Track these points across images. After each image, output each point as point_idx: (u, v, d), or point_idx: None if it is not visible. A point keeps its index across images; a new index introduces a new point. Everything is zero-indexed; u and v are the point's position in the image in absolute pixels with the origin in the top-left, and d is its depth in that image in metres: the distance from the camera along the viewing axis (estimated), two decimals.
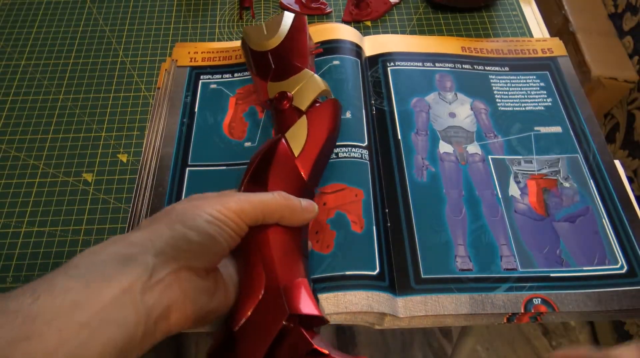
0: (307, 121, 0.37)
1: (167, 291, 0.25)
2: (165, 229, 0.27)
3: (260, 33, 0.43)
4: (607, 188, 0.41)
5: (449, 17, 0.56)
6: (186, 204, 0.29)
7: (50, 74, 0.52)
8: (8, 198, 0.43)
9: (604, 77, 0.83)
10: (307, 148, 0.36)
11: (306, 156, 0.36)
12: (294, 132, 0.37)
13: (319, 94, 0.39)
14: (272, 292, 0.29)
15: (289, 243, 0.32)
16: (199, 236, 0.27)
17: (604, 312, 0.35)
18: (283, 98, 0.39)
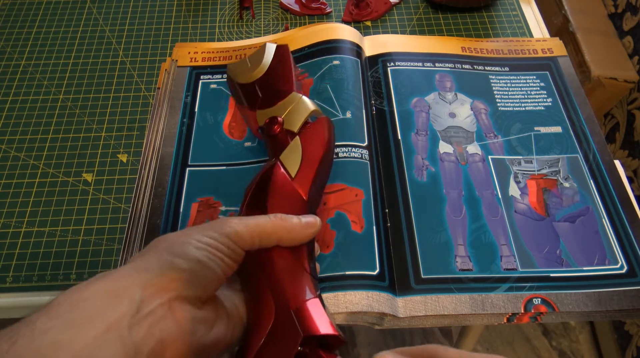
0: (301, 141, 0.37)
1: (158, 325, 0.24)
2: (152, 259, 0.26)
3: (244, 67, 0.43)
4: (607, 188, 0.41)
5: (449, 17, 0.56)
6: (176, 233, 0.28)
7: (50, 74, 0.52)
8: (8, 198, 0.43)
9: (604, 77, 0.83)
10: (303, 168, 0.35)
11: (304, 176, 0.35)
12: (288, 154, 0.36)
13: (309, 114, 0.39)
14: (284, 317, 0.28)
15: (294, 264, 0.31)
16: (187, 264, 0.26)
17: (604, 312, 0.35)
18: (273, 123, 0.39)
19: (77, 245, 0.41)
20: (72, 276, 0.39)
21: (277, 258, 0.30)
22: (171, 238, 0.27)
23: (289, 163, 0.36)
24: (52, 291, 0.38)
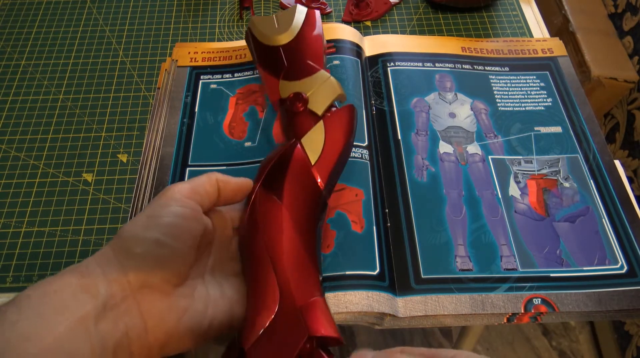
0: (324, 127, 0.35)
1: (123, 318, 0.24)
2: (109, 252, 0.26)
3: (270, 26, 0.40)
4: (607, 188, 0.41)
5: (449, 17, 0.56)
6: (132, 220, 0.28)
7: (50, 74, 0.52)
8: (8, 198, 0.43)
9: (604, 77, 0.83)
10: (324, 156, 0.34)
11: (323, 164, 0.34)
12: (310, 139, 0.35)
13: (336, 97, 0.37)
14: (288, 310, 0.28)
15: (305, 258, 0.30)
16: (141, 247, 0.25)
17: (604, 312, 0.35)
18: (298, 100, 0.37)
19: (77, 245, 0.41)
20: None
21: (287, 247, 0.30)
22: (124, 228, 0.27)
23: (311, 147, 0.34)
24: None
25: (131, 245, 0.26)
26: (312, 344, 0.27)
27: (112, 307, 0.24)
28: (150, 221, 0.27)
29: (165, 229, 0.26)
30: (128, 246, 0.26)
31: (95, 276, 0.24)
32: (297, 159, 0.33)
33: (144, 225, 0.26)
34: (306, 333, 0.27)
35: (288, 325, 0.27)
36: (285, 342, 0.27)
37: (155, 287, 0.26)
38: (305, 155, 0.34)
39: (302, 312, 0.28)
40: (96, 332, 0.23)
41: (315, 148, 0.34)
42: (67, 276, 0.24)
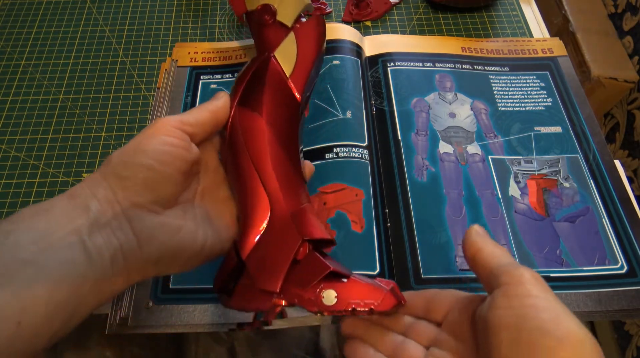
0: (296, 38, 0.35)
1: (115, 233, 0.24)
2: (98, 176, 0.26)
3: None
4: (607, 188, 0.41)
5: (449, 17, 0.56)
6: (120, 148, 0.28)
7: (50, 74, 0.52)
8: (8, 198, 0.43)
9: (604, 77, 0.83)
10: (298, 68, 0.34)
11: (298, 76, 0.34)
12: (283, 51, 0.34)
13: (304, 7, 0.37)
14: (279, 217, 0.28)
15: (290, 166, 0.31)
16: (130, 171, 0.26)
17: (604, 312, 0.35)
18: (266, 12, 0.36)
19: None
20: None
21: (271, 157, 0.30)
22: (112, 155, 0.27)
23: (284, 60, 0.34)
24: None
25: (119, 169, 0.26)
26: (307, 247, 0.28)
27: (105, 223, 0.24)
28: (138, 147, 0.27)
29: (152, 154, 0.27)
30: (116, 170, 0.26)
31: (84, 197, 0.25)
32: (273, 72, 0.33)
33: (131, 151, 0.27)
34: (300, 236, 0.28)
35: (281, 231, 0.28)
36: (281, 248, 0.28)
37: (145, 207, 0.26)
38: (280, 68, 0.33)
39: (294, 218, 0.28)
40: (90, 243, 0.23)
41: (289, 60, 0.34)
42: (56, 198, 0.25)
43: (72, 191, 0.25)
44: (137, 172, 0.26)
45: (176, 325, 0.35)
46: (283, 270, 0.27)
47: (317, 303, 0.26)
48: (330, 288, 0.27)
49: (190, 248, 0.28)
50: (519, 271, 0.25)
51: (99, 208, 0.25)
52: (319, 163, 0.40)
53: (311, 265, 0.27)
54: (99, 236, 0.24)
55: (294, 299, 0.27)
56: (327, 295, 0.27)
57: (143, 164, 0.26)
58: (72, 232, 0.23)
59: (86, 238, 0.23)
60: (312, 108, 0.44)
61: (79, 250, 0.23)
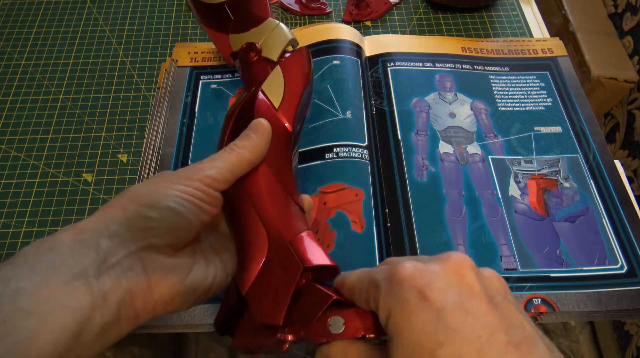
0: (282, 71, 0.35)
1: (126, 274, 0.23)
2: (118, 210, 0.25)
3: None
4: (607, 188, 0.41)
5: (449, 17, 0.56)
6: (144, 183, 0.27)
7: (50, 74, 0.52)
8: (8, 198, 0.43)
9: (604, 77, 0.83)
10: (286, 98, 0.34)
11: (287, 107, 0.34)
12: (270, 84, 0.34)
13: (288, 42, 0.37)
14: (278, 249, 0.28)
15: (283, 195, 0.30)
16: (156, 212, 0.25)
17: (604, 312, 0.35)
18: (251, 50, 0.37)
19: None
20: None
21: (266, 190, 0.30)
22: (139, 188, 0.26)
23: (272, 92, 0.34)
24: None
25: (145, 208, 0.25)
26: (308, 277, 0.27)
27: (114, 263, 0.23)
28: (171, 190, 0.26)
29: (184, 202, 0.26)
30: (141, 208, 0.25)
31: (95, 232, 0.24)
32: (261, 105, 0.33)
33: (162, 192, 0.26)
34: (300, 265, 0.27)
35: (281, 263, 0.27)
36: (282, 280, 0.27)
37: (160, 249, 0.25)
38: (269, 100, 0.33)
39: (292, 247, 0.28)
40: (97, 286, 0.22)
41: (277, 92, 0.34)
42: (63, 234, 0.23)
43: (82, 226, 0.24)
44: (164, 215, 0.25)
45: (176, 325, 0.35)
46: (285, 302, 0.26)
47: (324, 333, 0.25)
48: (337, 315, 0.25)
49: (201, 286, 0.27)
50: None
51: (110, 245, 0.23)
52: (319, 163, 0.40)
53: (312, 296, 0.26)
54: (107, 278, 0.23)
55: (300, 332, 0.26)
56: (334, 322, 0.25)
57: (172, 209, 0.25)
58: (78, 275, 0.22)
59: (93, 281, 0.22)
60: (312, 108, 0.44)
61: (84, 295, 0.21)
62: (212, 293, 0.28)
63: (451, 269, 0.22)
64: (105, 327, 0.22)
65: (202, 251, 0.28)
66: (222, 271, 0.29)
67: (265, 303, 0.26)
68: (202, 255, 0.28)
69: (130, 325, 0.24)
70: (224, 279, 0.29)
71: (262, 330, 0.26)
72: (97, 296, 0.22)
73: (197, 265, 0.27)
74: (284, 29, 0.38)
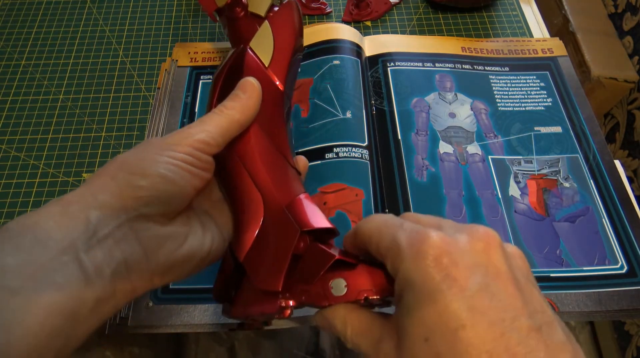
0: (271, 27, 0.34)
1: (119, 245, 0.22)
2: (107, 179, 0.24)
3: None
4: (607, 188, 0.41)
5: (449, 17, 0.56)
6: (132, 151, 0.25)
7: (50, 74, 0.52)
8: (8, 198, 0.43)
9: (604, 77, 0.83)
10: (276, 56, 0.32)
11: (278, 64, 0.32)
12: (259, 41, 0.33)
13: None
14: (274, 212, 0.27)
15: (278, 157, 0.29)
16: (146, 180, 0.24)
17: (604, 312, 0.35)
18: (236, 4, 0.35)
19: None
20: None
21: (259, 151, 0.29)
22: (127, 156, 0.25)
23: (261, 50, 0.33)
24: None
25: (135, 176, 0.24)
26: (307, 240, 0.26)
27: (106, 235, 0.22)
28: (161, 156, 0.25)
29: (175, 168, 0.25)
30: (131, 177, 0.24)
31: (83, 203, 0.22)
32: (250, 63, 0.32)
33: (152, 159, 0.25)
34: (297, 229, 0.26)
35: (278, 227, 0.26)
36: (279, 243, 0.26)
37: (152, 218, 0.24)
38: (258, 58, 0.32)
39: (289, 210, 0.27)
40: (88, 260, 0.21)
41: (266, 49, 0.33)
42: (49, 207, 0.22)
43: (69, 198, 0.23)
44: (155, 183, 0.24)
45: (176, 325, 0.35)
46: (283, 266, 0.25)
47: (326, 295, 0.24)
48: (339, 277, 0.24)
49: (198, 254, 0.26)
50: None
51: (100, 216, 0.22)
52: (319, 163, 0.40)
53: (315, 256, 0.25)
54: (99, 250, 0.22)
55: (301, 296, 0.25)
56: (336, 284, 0.24)
57: (163, 176, 0.24)
58: (66, 249, 0.21)
59: (82, 255, 0.21)
60: (312, 108, 0.44)
61: (74, 270, 0.21)
62: (210, 261, 0.28)
63: (479, 246, 0.21)
64: (99, 302, 0.21)
65: (197, 217, 0.28)
66: (218, 237, 0.28)
67: (263, 269, 0.25)
68: (197, 220, 0.27)
69: (126, 297, 0.23)
70: (221, 245, 0.28)
71: (262, 297, 0.25)
72: (89, 270, 0.21)
73: (192, 232, 0.26)
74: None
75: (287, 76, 0.33)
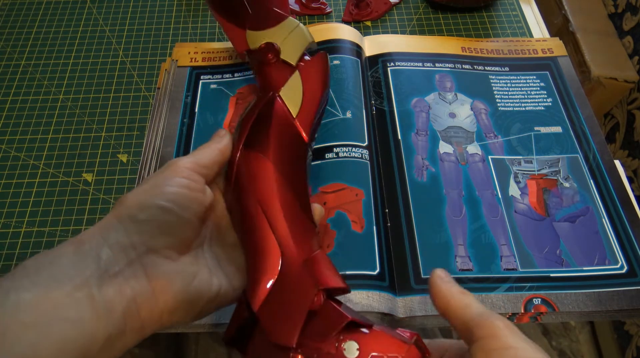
0: (301, 77, 0.34)
1: (129, 283, 0.23)
2: (113, 220, 0.25)
3: None
4: (607, 188, 0.41)
5: (449, 17, 0.56)
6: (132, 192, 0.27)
7: (50, 74, 0.52)
8: (8, 198, 0.43)
9: (604, 77, 0.83)
10: (304, 107, 0.33)
11: (305, 116, 0.33)
12: (288, 90, 0.33)
13: (308, 46, 0.36)
14: (291, 266, 0.27)
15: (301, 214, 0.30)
16: (147, 213, 0.25)
17: (604, 312, 0.35)
18: (269, 50, 0.35)
19: None
20: None
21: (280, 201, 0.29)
22: (128, 195, 0.26)
23: (290, 100, 0.33)
24: None
25: (135, 211, 0.25)
26: (321, 297, 0.26)
27: (117, 273, 0.23)
28: (156, 189, 0.26)
29: (171, 197, 0.26)
30: (132, 212, 0.25)
31: (95, 242, 0.23)
32: (279, 113, 0.32)
33: (148, 193, 0.26)
34: (315, 286, 0.26)
35: (295, 281, 0.27)
36: (295, 298, 0.26)
37: (161, 252, 0.25)
38: (286, 108, 0.33)
39: (307, 266, 0.27)
40: (100, 296, 0.22)
41: (295, 100, 0.33)
42: (63, 247, 0.23)
43: (81, 237, 0.24)
44: (154, 214, 0.25)
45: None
46: (299, 322, 0.25)
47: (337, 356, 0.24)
48: (352, 340, 0.25)
49: (206, 295, 0.27)
50: (492, 323, 0.23)
51: (111, 255, 0.23)
52: (319, 163, 0.40)
53: (328, 315, 0.26)
54: (110, 287, 0.22)
55: (313, 354, 0.25)
56: (349, 347, 0.24)
57: (161, 207, 0.25)
58: (80, 286, 0.21)
59: (95, 292, 0.22)
60: None
61: (87, 306, 0.21)
62: (218, 305, 0.28)
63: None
64: (110, 339, 0.22)
65: (205, 260, 0.28)
66: (226, 285, 0.28)
67: (277, 322, 0.26)
68: (205, 263, 0.28)
69: (135, 336, 0.23)
70: (230, 292, 0.28)
71: (274, 350, 0.25)
72: (100, 308, 0.22)
73: (200, 273, 0.27)
74: (304, 30, 0.37)
75: (312, 127, 0.33)
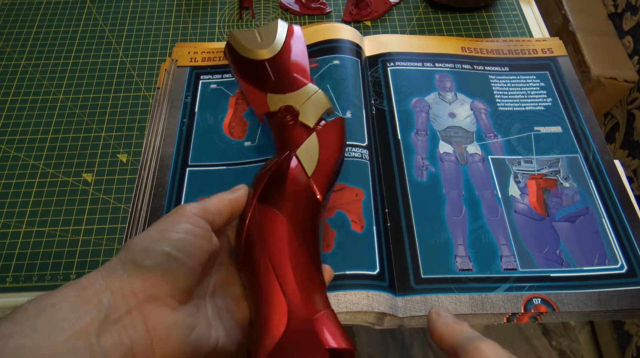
0: (318, 139, 0.36)
1: (127, 331, 0.23)
2: (117, 265, 0.25)
3: (253, 40, 0.41)
4: (607, 188, 0.41)
5: (449, 17, 0.56)
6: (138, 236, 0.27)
7: (50, 74, 0.52)
8: (8, 198, 0.43)
9: (604, 77, 0.83)
10: (320, 168, 0.34)
11: (320, 176, 0.34)
12: (305, 151, 0.35)
13: (325, 111, 0.38)
14: (298, 323, 0.27)
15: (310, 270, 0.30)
16: (151, 260, 0.25)
17: (604, 312, 0.35)
18: (289, 113, 0.37)
19: (77, 245, 0.41)
20: (72, 276, 0.39)
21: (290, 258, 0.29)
22: (134, 239, 0.27)
23: (306, 159, 0.34)
24: None
25: (140, 256, 0.25)
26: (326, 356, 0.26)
27: (116, 320, 0.23)
28: (161, 235, 0.26)
29: (176, 243, 0.26)
30: (136, 257, 0.25)
31: (97, 287, 0.23)
32: (295, 171, 0.33)
33: (154, 238, 0.26)
34: (322, 347, 0.26)
35: (301, 339, 0.27)
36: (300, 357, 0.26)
37: (162, 301, 0.25)
38: (302, 167, 0.34)
39: (314, 325, 0.27)
40: (98, 345, 0.22)
41: (311, 160, 0.34)
42: (65, 290, 0.23)
43: (84, 282, 0.24)
44: (159, 261, 0.25)
45: None
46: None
47: None
48: None
49: (204, 348, 0.26)
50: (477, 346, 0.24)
51: (112, 301, 0.23)
52: None
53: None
54: (109, 336, 0.22)
55: None
56: None
57: (166, 253, 0.25)
58: (79, 333, 0.21)
59: (94, 340, 0.22)
60: None
61: (85, 354, 0.21)
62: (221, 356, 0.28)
63: None
64: None
65: (206, 312, 0.28)
66: (224, 339, 0.28)
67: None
68: (205, 315, 0.28)
69: None
70: (228, 346, 0.28)
71: None
72: (97, 356, 0.22)
73: (200, 325, 0.27)
74: (322, 96, 0.39)
75: (326, 188, 0.34)
